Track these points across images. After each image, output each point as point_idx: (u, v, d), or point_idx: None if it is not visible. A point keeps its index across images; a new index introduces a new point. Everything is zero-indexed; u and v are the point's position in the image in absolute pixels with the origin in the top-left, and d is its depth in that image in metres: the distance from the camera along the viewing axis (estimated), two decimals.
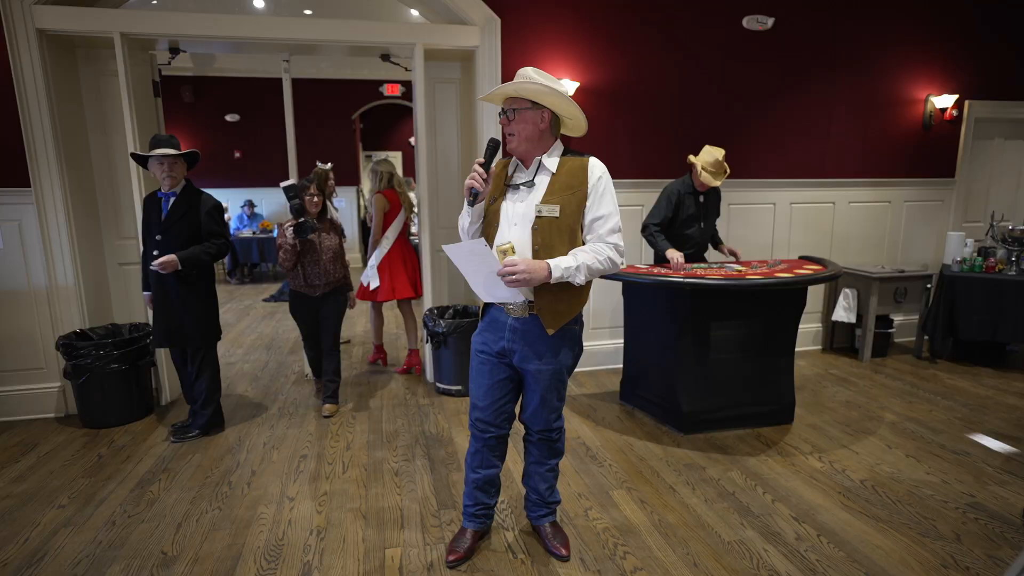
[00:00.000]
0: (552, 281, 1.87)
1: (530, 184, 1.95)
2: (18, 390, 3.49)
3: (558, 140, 2.01)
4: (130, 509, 2.53)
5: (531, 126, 1.92)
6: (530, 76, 1.90)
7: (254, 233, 8.52)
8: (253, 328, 5.74)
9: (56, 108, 3.28)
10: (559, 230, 1.91)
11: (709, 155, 3.47)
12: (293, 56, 3.93)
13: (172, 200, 3.03)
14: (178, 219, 3.01)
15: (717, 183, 3.48)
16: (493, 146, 1.94)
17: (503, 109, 1.95)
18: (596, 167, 1.95)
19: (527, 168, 1.99)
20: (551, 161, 1.96)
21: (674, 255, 3.41)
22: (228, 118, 9.25)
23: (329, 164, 5.03)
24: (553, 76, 1.95)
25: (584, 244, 1.97)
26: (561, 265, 1.86)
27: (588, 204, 1.93)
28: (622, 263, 2.02)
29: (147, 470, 2.87)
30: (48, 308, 3.45)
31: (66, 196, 3.35)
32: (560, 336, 2.01)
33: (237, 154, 9.37)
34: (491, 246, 1.92)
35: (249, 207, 8.99)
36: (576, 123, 2.00)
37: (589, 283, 2.01)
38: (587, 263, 1.89)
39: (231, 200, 9.14)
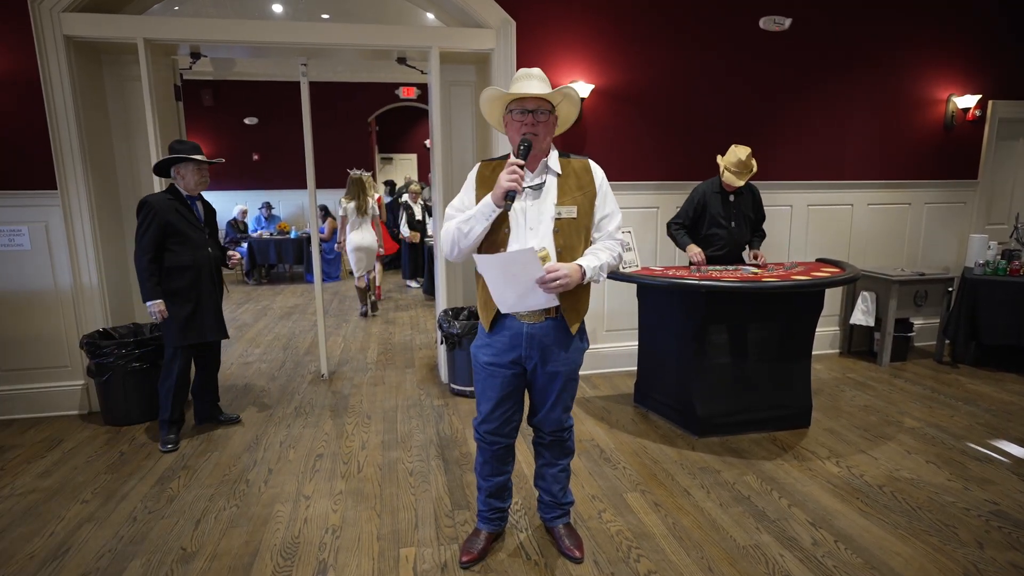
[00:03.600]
0: (584, 282, 1.91)
1: (539, 187, 1.95)
2: (44, 387, 3.57)
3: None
4: (151, 505, 2.58)
5: (551, 128, 1.97)
6: (543, 78, 1.94)
7: (271, 235, 8.63)
8: (270, 328, 5.81)
9: (82, 112, 3.37)
10: (576, 230, 1.95)
11: (732, 155, 3.48)
12: (311, 60, 3.98)
13: (198, 202, 3.22)
14: (212, 219, 3.30)
15: (740, 183, 3.46)
16: (528, 146, 1.88)
17: (527, 109, 1.89)
18: (597, 167, 2.04)
19: (532, 171, 1.97)
20: (555, 163, 1.98)
21: (692, 249, 3.49)
22: (247, 121, 9.39)
23: (366, 172, 5.70)
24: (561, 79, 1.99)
25: (592, 243, 2.02)
26: (592, 266, 1.91)
27: (597, 203, 1.99)
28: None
29: (167, 467, 2.93)
30: (73, 307, 3.53)
31: (91, 198, 3.43)
32: (578, 334, 2.06)
33: (255, 157, 9.51)
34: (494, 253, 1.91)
35: (267, 209, 9.11)
36: (564, 126, 2.09)
37: None
38: (607, 262, 1.96)
39: (249, 202, 9.28)
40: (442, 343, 3.91)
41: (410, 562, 2.19)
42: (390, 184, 7.66)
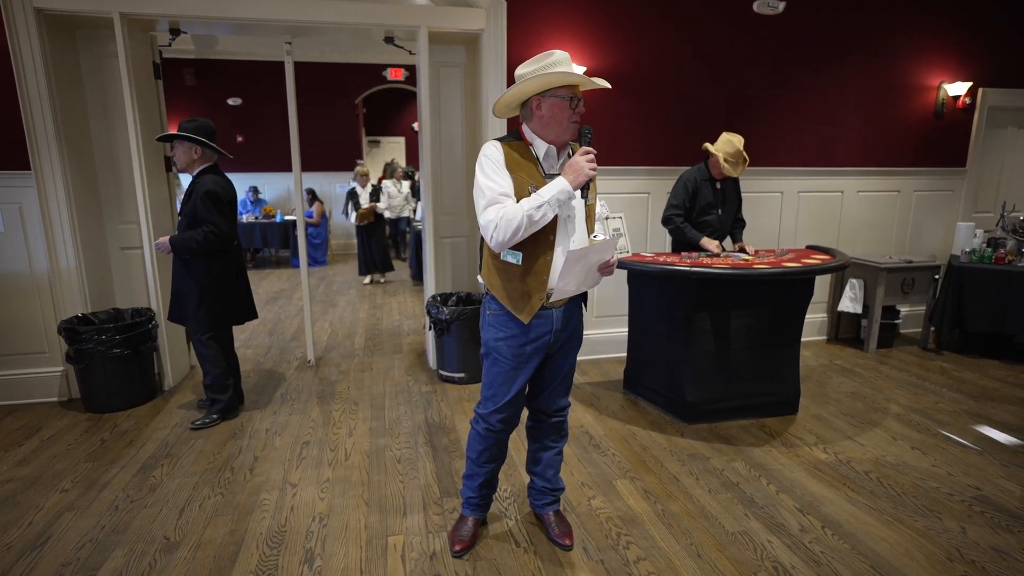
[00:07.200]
0: None
1: None
2: (21, 374, 3.49)
3: None
4: (133, 494, 2.53)
5: None
6: None
7: (256, 219, 8.50)
8: None
9: (56, 90, 3.24)
10: (592, 215, 2.02)
11: (728, 144, 3.38)
12: (296, 39, 3.87)
13: (193, 184, 3.10)
14: (186, 202, 3.08)
15: (737, 173, 3.42)
16: (592, 134, 1.87)
17: (576, 96, 1.84)
18: None
19: (559, 158, 1.94)
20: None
21: (710, 243, 3.43)
22: (230, 102, 9.18)
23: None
24: None
25: None
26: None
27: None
28: None
29: (150, 455, 2.88)
30: (50, 292, 3.43)
31: (67, 179, 3.32)
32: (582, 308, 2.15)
33: (240, 139, 9.31)
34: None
35: (253, 193, 8.95)
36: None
37: None
38: None
39: (235, 185, 9.10)
40: (430, 329, 3.87)
41: (398, 550, 2.17)
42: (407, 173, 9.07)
